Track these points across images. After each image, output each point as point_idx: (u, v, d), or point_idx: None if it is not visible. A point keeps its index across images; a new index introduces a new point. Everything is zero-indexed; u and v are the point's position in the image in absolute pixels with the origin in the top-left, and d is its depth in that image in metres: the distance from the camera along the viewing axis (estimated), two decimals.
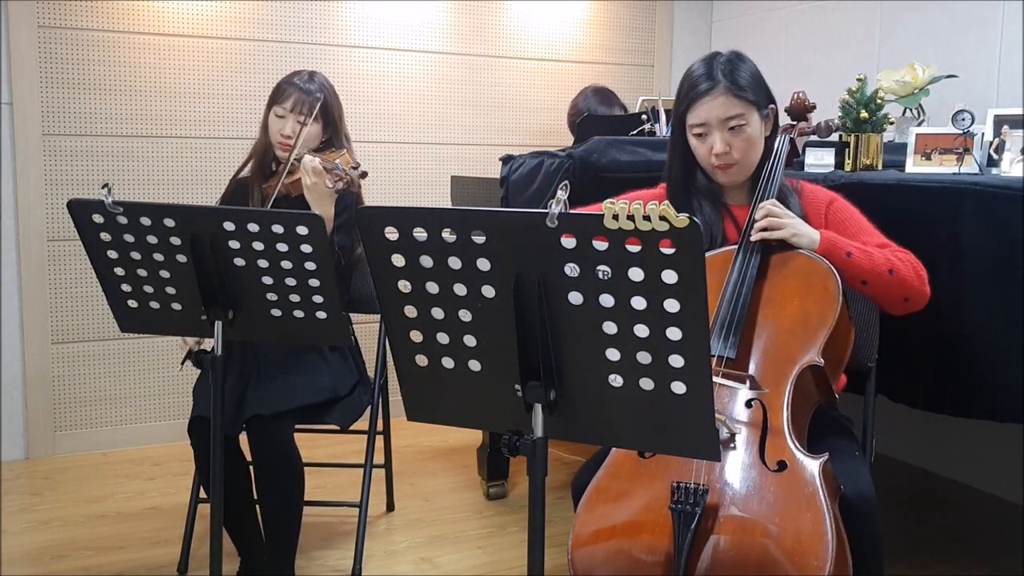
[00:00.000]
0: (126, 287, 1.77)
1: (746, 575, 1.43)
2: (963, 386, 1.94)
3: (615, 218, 1.10)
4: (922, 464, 3.27)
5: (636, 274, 1.13)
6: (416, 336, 1.30)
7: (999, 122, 2.20)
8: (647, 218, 1.09)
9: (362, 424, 2.39)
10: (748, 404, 1.60)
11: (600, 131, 2.81)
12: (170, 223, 1.66)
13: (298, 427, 2.22)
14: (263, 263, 1.68)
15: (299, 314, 1.74)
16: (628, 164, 2.50)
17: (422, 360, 1.32)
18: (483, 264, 1.20)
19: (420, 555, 2.54)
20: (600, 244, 1.13)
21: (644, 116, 3.06)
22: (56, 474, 3.14)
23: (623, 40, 4.16)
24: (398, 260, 1.24)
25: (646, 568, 1.48)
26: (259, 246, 1.66)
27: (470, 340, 1.27)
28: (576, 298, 1.18)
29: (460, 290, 1.23)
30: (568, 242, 1.15)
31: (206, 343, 1.78)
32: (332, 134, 2.37)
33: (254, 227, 1.64)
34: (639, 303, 1.15)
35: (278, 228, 1.63)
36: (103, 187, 1.66)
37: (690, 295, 1.12)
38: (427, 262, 1.23)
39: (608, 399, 1.23)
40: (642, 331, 1.16)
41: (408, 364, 1.33)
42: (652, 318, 1.15)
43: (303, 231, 1.63)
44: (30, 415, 3.28)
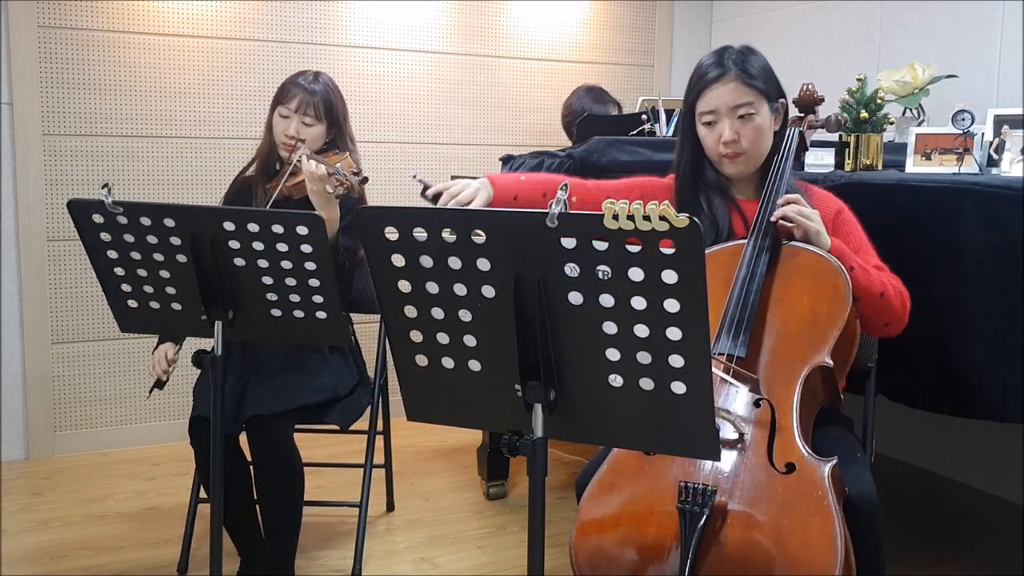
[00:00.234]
0: (126, 287, 1.77)
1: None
2: (963, 386, 1.93)
3: (615, 218, 1.10)
4: (922, 464, 3.27)
5: (636, 274, 1.13)
6: (416, 336, 1.30)
7: (999, 122, 2.20)
8: (647, 218, 1.09)
9: (362, 424, 2.39)
10: (756, 404, 1.59)
11: (600, 131, 2.81)
12: (170, 223, 1.66)
13: (298, 427, 2.23)
14: (263, 263, 1.68)
15: (299, 314, 1.74)
16: (628, 164, 2.50)
17: (422, 360, 1.32)
18: (483, 264, 1.20)
19: (420, 555, 2.54)
20: (600, 244, 1.13)
21: (644, 116, 3.06)
22: (56, 474, 3.14)
23: (623, 40, 4.16)
24: (398, 260, 1.24)
25: (649, 565, 1.47)
26: (259, 246, 1.66)
27: (470, 340, 1.27)
28: (576, 298, 1.18)
29: (460, 290, 1.23)
30: (568, 242, 1.15)
31: (207, 344, 1.77)
32: (336, 135, 2.36)
33: (254, 227, 1.64)
34: (639, 303, 1.15)
35: (278, 228, 1.63)
36: (103, 187, 1.67)
37: (690, 295, 1.12)
38: (427, 262, 1.23)
39: (608, 399, 1.23)
40: (642, 331, 1.16)
41: (408, 364, 1.33)
42: (652, 318, 1.15)
43: (303, 231, 1.63)
44: (30, 415, 3.28)
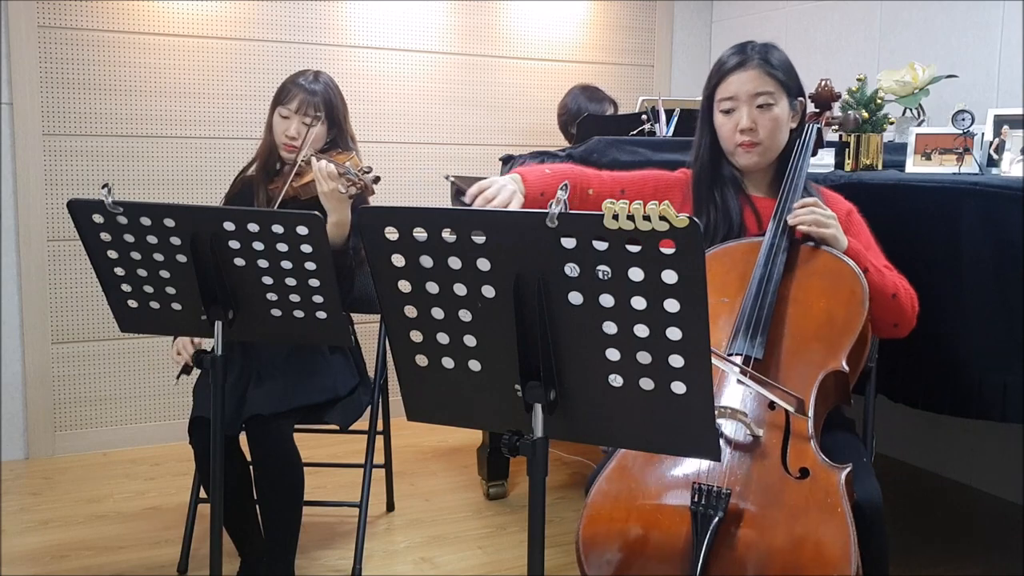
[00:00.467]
0: (126, 287, 1.77)
1: None
2: (963, 386, 1.93)
3: (615, 218, 1.10)
4: (922, 464, 3.27)
5: (636, 274, 1.13)
6: (416, 336, 1.30)
7: (999, 122, 2.20)
8: (647, 218, 1.09)
9: (362, 424, 2.39)
10: (771, 407, 1.58)
11: (600, 131, 2.81)
12: (170, 223, 1.66)
13: (298, 427, 2.23)
14: (263, 263, 1.68)
15: (299, 314, 1.74)
16: (628, 164, 2.50)
17: (422, 360, 1.32)
18: (483, 264, 1.20)
19: (420, 555, 2.54)
20: (600, 244, 1.13)
21: (644, 116, 3.06)
22: (56, 474, 3.14)
23: (623, 40, 4.16)
24: (398, 260, 1.24)
25: (657, 562, 1.46)
26: (259, 246, 1.66)
27: (470, 340, 1.27)
28: (576, 298, 1.18)
29: (460, 290, 1.23)
30: (568, 242, 1.14)
31: (206, 344, 1.77)
32: (337, 134, 2.36)
33: (254, 227, 1.64)
34: (639, 303, 1.14)
35: (278, 228, 1.63)
36: (103, 187, 1.66)
37: (690, 295, 1.12)
38: (427, 262, 1.23)
39: (608, 399, 1.23)
40: (642, 331, 1.16)
41: (408, 364, 1.33)
42: (652, 318, 1.15)
43: (303, 231, 1.63)
44: (30, 415, 3.28)
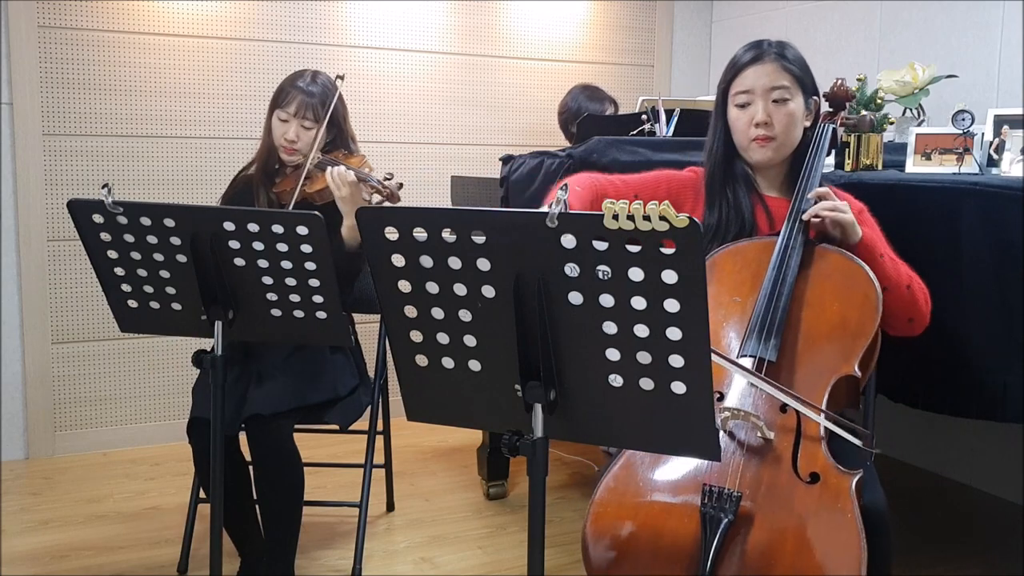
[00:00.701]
0: (126, 287, 1.77)
1: None
2: (963, 386, 1.93)
3: (615, 218, 1.10)
4: (922, 464, 3.27)
5: (636, 274, 1.13)
6: (416, 336, 1.30)
7: (999, 122, 2.20)
8: (647, 218, 1.09)
9: (362, 424, 2.39)
10: (783, 409, 1.57)
11: (600, 131, 2.81)
12: (170, 223, 1.66)
13: (298, 427, 2.23)
14: (263, 263, 1.68)
15: (299, 314, 1.74)
16: (628, 164, 2.49)
17: (422, 360, 1.32)
18: (483, 264, 1.20)
19: (420, 555, 2.54)
20: (600, 244, 1.13)
21: (644, 116, 3.06)
22: (56, 474, 3.14)
23: (623, 40, 4.16)
24: (398, 260, 1.24)
25: (664, 562, 1.46)
26: (259, 246, 1.66)
27: (470, 340, 1.27)
28: (576, 298, 1.18)
29: (460, 290, 1.23)
30: (568, 242, 1.14)
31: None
32: (337, 134, 2.36)
33: (254, 227, 1.64)
34: (639, 303, 1.15)
35: (278, 228, 1.63)
36: (103, 187, 1.67)
37: (690, 295, 1.12)
38: (427, 262, 1.23)
39: (608, 399, 1.23)
40: (642, 331, 1.16)
41: (408, 364, 1.33)
42: (652, 318, 1.15)
43: (303, 231, 1.63)
44: (30, 415, 3.28)
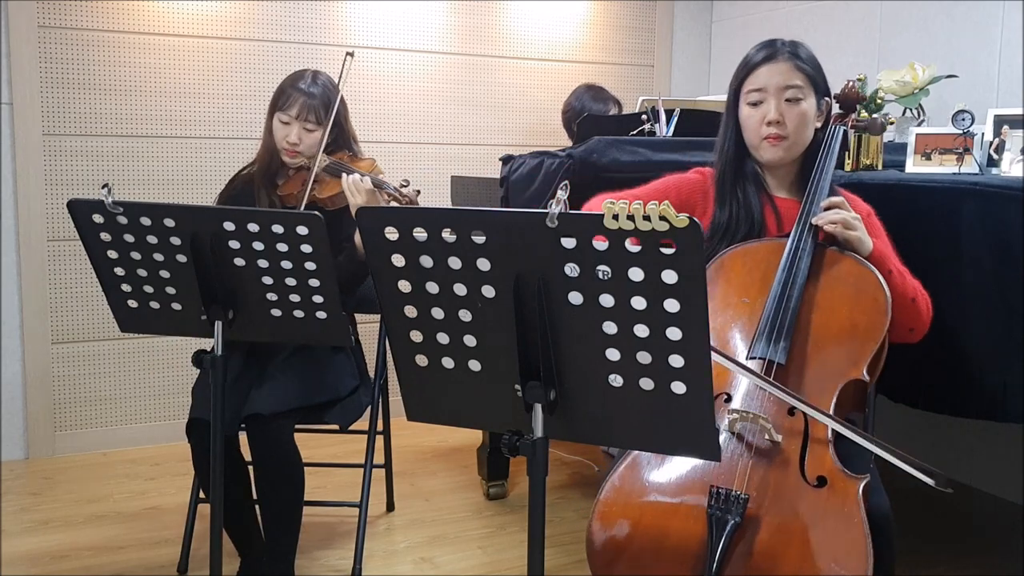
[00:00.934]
0: (126, 287, 1.77)
1: None
2: (963, 386, 1.93)
3: (615, 218, 1.10)
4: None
5: (636, 274, 1.13)
6: (416, 336, 1.30)
7: (999, 122, 2.20)
8: (647, 218, 1.09)
9: (362, 424, 2.39)
10: (791, 412, 1.57)
11: (600, 131, 2.81)
12: (170, 223, 1.66)
13: (298, 427, 2.22)
14: (263, 263, 1.68)
15: (299, 314, 1.74)
16: (628, 164, 2.49)
17: (422, 360, 1.32)
18: (483, 264, 1.20)
19: (420, 555, 2.54)
20: (600, 244, 1.13)
21: (644, 116, 3.06)
22: (56, 474, 3.14)
23: (623, 40, 4.16)
24: (398, 260, 1.24)
25: (669, 562, 1.46)
26: (259, 246, 1.66)
27: (470, 340, 1.27)
28: (576, 298, 1.18)
29: (460, 290, 1.23)
30: (568, 242, 1.15)
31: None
32: (338, 134, 2.35)
33: (254, 227, 1.64)
34: (639, 303, 1.15)
35: (278, 228, 1.63)
36: (103, 187, 1.67)
37: (690, 295, 1.12)
38: (427, 262, 1.23)
39: (608, 399, 1.23)
40: (642, 331, 1.16)
41: (408, 364, 1.33)
42: (652, 318, 1.15)
43: (303, 231, 1.63)
44: (30, 415, 3.28)
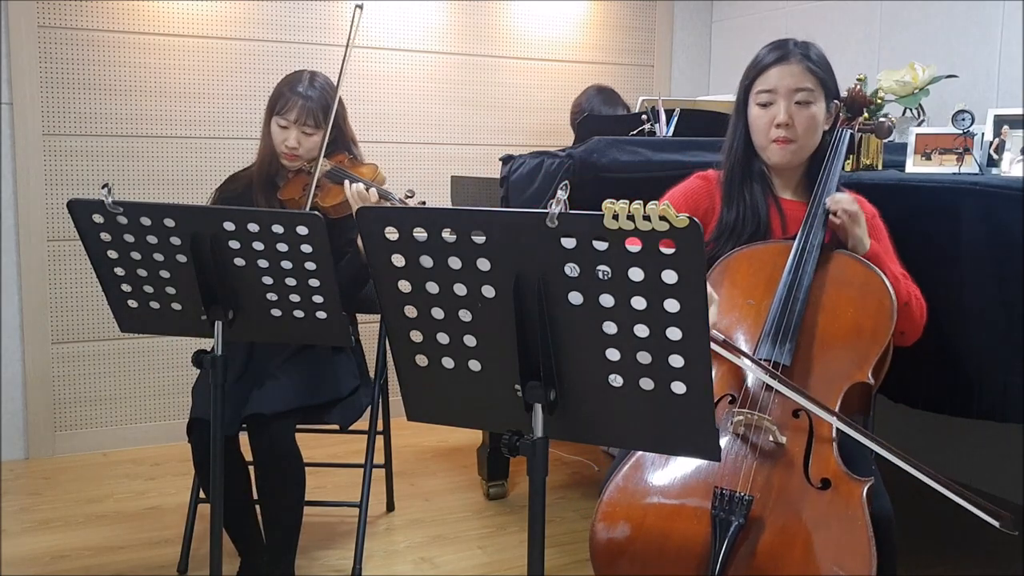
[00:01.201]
0: (126, 287, 1.77)
1: None
2: (963, 386, 1.93)
3: (615, 218, 1.10)
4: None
5: (636, 274, 1.13)
6: (416, 336, 1.30)
7: (999, 122, 2.20)
8: (647, 218, 1.09)
9: (362, 424, 2.39)
10: (795, 414, 1.58)
11: (600, 131, 2.81)
12: (170, 223, 1.66)
13: (298, 427, 2.22)
14: (263, 263, 1.68)
15: (299, 314, 1.74)
16: (628, 164, 2.49)
17: (422, 360, 1.32)
18: (483, 264, 1.20)
19: (420, 555, 2.54)
20: (600, 244, 1.13)
21: (644, 116, 3.06)
22: (56, 474, 3.14)
23: (623, 40, 4.16)
24: (398, 260, 1.24)
25: (672, 562, 1.46)
26: (259, 246, 1.66)
27: (470, 340, 1.27)
28: (576, 298, 1.18)
29: (460, 290, 1.23)
30: (568, 242, 1.14)
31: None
32: (337, 135, 2.35)
33: (254, 227, 1.64)
34: (639, 303, 1.15)
35: (278, 228, 1.63)
36: (103, 187, 1.67)
37: (690, 295, 1.12)
38: (427, 262, 1.23)
39: (608, 399, 1.23)
40: (642, 331, 1.16)
41: (408, 364, 1.33)
42: (652, 318, 1.15)
43: (303, 231, 1.63)
44: (30, 415, 3.28)
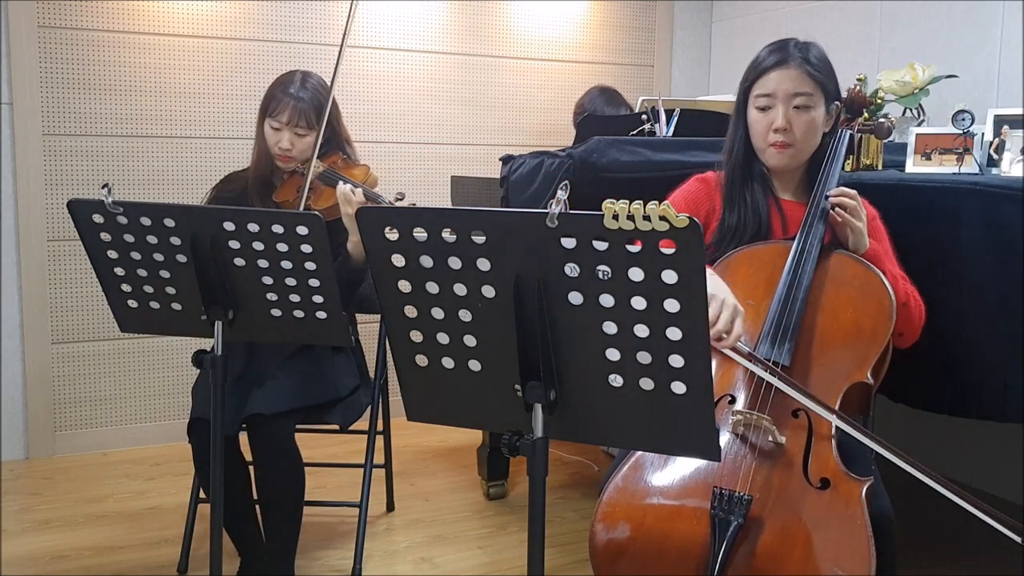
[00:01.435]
0: (126, 287, 1.77)
1: None
2: (963, 386, 1.93)
3: (615, 218, 1.10)
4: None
5: (636, 274, 1.13)
6: (416, 336, 1.30)
7: (999, 122, 2.20)
8: (647, 218, 1.09)
9: (362, 424, 2.39)
10: (795, 414, 1.58)
11: (600, 131, 2.81)
12: (170, 223, 1.66)
13: (298, 427, 2.22)
14: (263, 263, 1.68)
15: (299, 314, 1.74)
16: (628, 164, 2.49)
17: (422, 360, 1.32)
18: (483, 264, 1.20)
19: (420, 555, 2.54)
20: (600, 244, 1.13)
21: (644, 116, 3.06)
22: (56, 474, 3.14)
23: (623, 40, 4.16)
24: (398, 260, 1.24)
25: (671, 562, 1.46)
26: (259, 246, 1.66)
27: (470, 340, 1.27)
28: (576, 298, 1.18)
29: (460, 290, 1.23)
30: (568, 242, 1.14)
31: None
32: (331, 135, 2.35)
33: (254, 227, 1.64)
34: (639, 303, 1.15)
35: (278, 228, 1.63)
36: (103, 187, 1.67)
37: (690, 295, 1.12)
38: (427, 262, 1.23)
39: (608, 399, 1.23)
40: (642, 331, 1.16)
41: (408, 364, 1.33)
42: (652, 318, 1.15)
43: (303, 231, 1.63)
44: (30, 415, 3.28)
